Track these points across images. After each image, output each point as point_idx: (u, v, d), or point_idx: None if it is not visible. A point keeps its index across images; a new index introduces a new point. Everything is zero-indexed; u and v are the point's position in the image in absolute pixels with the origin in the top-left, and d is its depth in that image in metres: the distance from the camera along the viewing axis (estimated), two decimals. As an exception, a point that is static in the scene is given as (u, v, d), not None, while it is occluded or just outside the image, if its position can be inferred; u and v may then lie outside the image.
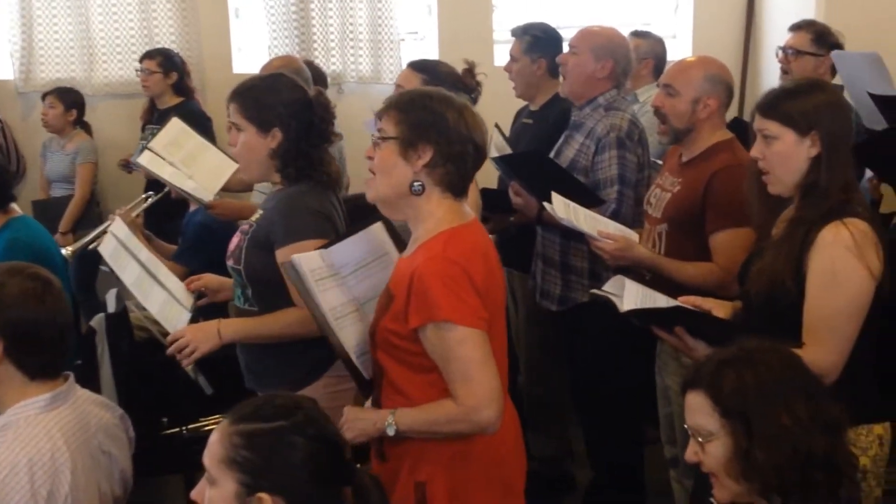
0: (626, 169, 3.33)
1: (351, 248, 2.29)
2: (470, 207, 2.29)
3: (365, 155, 2.16)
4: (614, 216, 3.25)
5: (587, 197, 3.26)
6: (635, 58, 3.64)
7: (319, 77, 4.51)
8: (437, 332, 2.05)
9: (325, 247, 2.27)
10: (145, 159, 3.85)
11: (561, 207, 2.96)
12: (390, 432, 2.11)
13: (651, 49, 4.32)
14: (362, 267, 2.29)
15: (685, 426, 1.84)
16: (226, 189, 3.99)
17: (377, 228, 2.34)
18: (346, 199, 2.87)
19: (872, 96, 3.15)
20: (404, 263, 2.16)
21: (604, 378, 3.42)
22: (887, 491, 2.30)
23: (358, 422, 2.18)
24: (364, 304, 2.28)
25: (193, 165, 3.82)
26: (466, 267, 2.06)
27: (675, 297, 2.37)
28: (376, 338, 2.17)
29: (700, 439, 1.78)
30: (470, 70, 3.13)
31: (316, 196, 2.59)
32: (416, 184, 2.09)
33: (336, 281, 2.24)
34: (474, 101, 3.14)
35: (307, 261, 2.21)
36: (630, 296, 2.29)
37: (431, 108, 2.09)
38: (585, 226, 2.95)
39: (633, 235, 2.98)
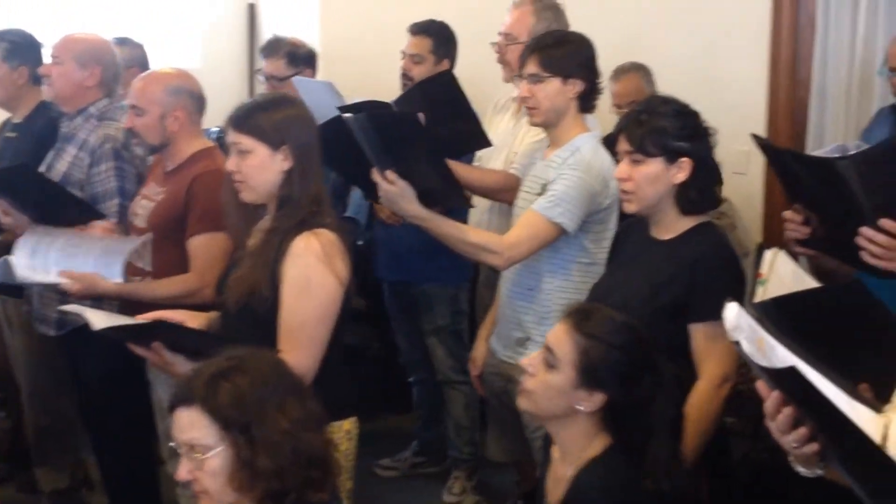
0: (125, 181, 3.25)
1: None
2: None
3: None
4: (115, 229, 3.16)
5: (85, 212, 3.14)
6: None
7: None
8: None
9: None
10: None
11: (24, 259, 2.88)
12: None
13: (132, 56, 4.21)
14: None
15: (171, 444, 1.79)
16: None
17: None
18: None
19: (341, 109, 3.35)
20: None
21: (112, 398, 3.29)
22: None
23: None
24: None
25: None
26: None
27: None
28: None
29: (198, 456, 1.73)
30: None
31: None
32: None
33: None
34: None
35: None
36: (99, 316, 2.23)
37: None
38: (51, 275, 2.87)
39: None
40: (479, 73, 3.73)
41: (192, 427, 1.74)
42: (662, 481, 1.97)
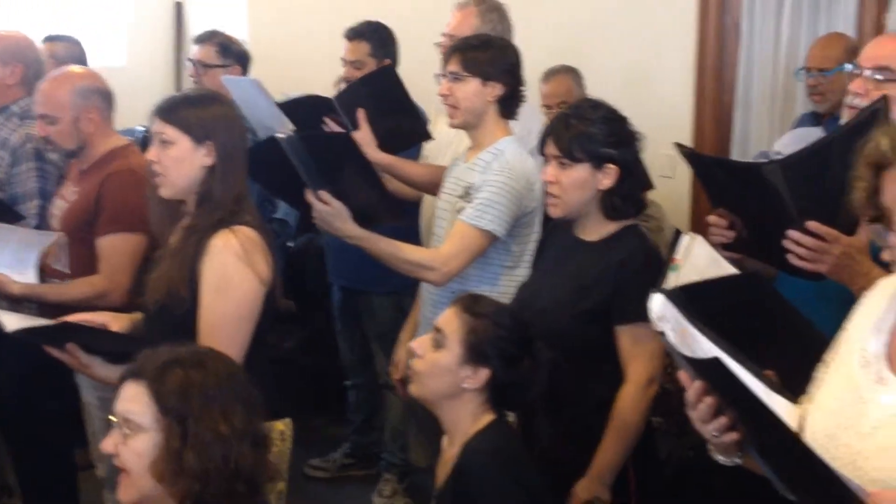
0: (47, 181, 3.19)
1: None
2: None
3: None
4: (37, 231, 3.09)
5: (4, 213, 3.08)
6: (55, 63, 3.50)
7: None
8: None
9: None
10: None
11: None
12: None
13: (70, 53, 4.13)
14: None
15: (109, 416, 1.77)
16: None
17: None
18: None
19: (281, 105, 3.33)
20: None
21: (30, 402, 3.20)
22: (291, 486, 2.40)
23: None
24: None
25: None
26: None
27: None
28: None
29: (127, 431, 1.72)
30: None
31: None
32: None
33: None
34: None
35: None
36: (12, 318, 2.19)
37: None
38: None
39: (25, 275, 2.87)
40: (421, 73, 3.72)
41: (132, 401, 1.74)
42: (551, 453, 2.10)
